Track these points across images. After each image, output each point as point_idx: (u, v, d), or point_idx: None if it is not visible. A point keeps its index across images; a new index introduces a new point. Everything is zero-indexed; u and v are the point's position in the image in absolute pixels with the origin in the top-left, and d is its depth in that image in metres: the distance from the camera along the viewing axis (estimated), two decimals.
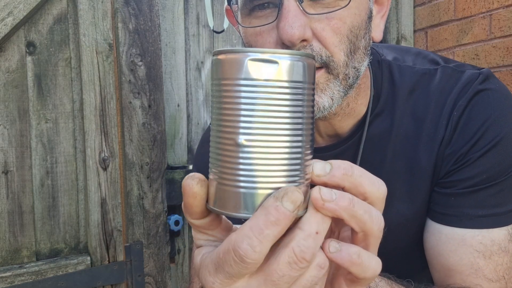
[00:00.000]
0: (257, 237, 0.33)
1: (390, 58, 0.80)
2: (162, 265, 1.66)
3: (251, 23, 0.66)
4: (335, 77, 0.64)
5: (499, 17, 1.80)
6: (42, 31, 1.45)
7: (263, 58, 0.33)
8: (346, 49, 0.63)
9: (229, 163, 0.35)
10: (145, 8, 1.57)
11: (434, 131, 0.72)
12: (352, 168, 0.37)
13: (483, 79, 0.71)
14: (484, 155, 0.68)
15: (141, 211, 1.59)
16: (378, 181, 0.38)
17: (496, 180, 0.68)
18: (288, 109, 0.34)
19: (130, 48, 1.55)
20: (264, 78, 0.33)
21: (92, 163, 1.51)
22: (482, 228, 0.67)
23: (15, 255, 1.44)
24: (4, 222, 1.42)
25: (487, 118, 0.69)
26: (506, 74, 1.79)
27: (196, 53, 1.84)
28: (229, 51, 0.35)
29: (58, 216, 1.50)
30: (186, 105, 1.82)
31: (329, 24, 0.62)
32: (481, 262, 0.67)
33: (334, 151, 0.77)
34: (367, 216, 0.36)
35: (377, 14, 0.73)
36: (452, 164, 0.70)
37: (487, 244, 0.67)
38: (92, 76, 1.50)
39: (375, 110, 0.76)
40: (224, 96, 0.35)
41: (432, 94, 0.73)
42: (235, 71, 0.34)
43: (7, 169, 1.41)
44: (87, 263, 1.51)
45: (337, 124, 0.75)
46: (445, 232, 0.70)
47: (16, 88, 1.42)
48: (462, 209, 0.69)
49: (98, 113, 1.51)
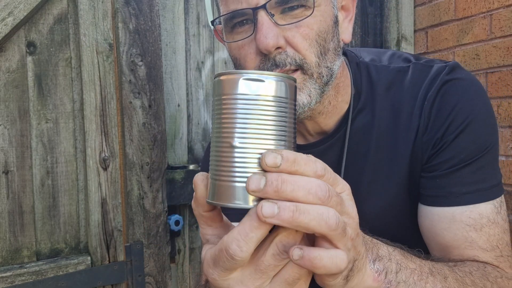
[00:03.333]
0: (244, 239, 0.41)
1: (368, 59, 0.88)
2: (163, 265, 1.66)
3: (234, 38, 0.76)
4: (310, 77, 0.73)
5: (500, 17, 1.80)
6: (43, 31, 1.45)
7: (253, 77, 0.42)
8: (316, 52, 0.73)
9: (225, 162, 0.43)
10: (146, 8, 1.57)
11: (410, 121, 0.79)
12: (296, 160, 0.41)
13: (449, 70, 0.79)
14: (457, 136, 0.75)
15: (141, 211, 1.59)
16: (320, 166, 0.42)
17: (473, 158, 0.75)
18: (273, 118, 0.42)
19: (130, 48, 1.55)
20: (255, 93, 0.42)
21: (93, 163, 1.51)
22: (469, 204, 0.74)
23: (15, 255, 1.44)
24: (5, 222, 1.42)
25: (455, 103, 0.76)
26: (506, 74, 1.79)
27: (196, 53, 1.84)
28: (228, 73, 0.44)
29: (59, 216, 1.50)
30: (186, 105, 1.82)
31: (299, 32, 0.71)
32: (474, 235, 0.73)
33: (323, 145, 0.85)
34: (314, 222, 0.40)
35: (345, 19, 0.82)
36: (431, 149, 0.77)
37: (476, 218, 0.74)
38: (92, 76, 1.50)
39: (357, 106, 0.84)
40: (223, 108, 0.43)
41: (406, 88, 0.81)
42: (232, 88, 0.43)
43: (8, 169, 1.41)
44: (87, 263, 1.51)
45: (323, 122, 0.83)
46: (436, 213, 0.77)
47: (16, 88, 1.42)
48: (448, 188, 0.75)
49: (98, 113, 1.51)
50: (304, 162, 0.41)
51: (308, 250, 0.41)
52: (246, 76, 0.42)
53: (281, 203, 0.40)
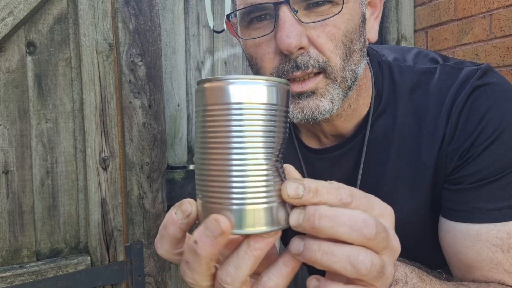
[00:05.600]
0: (276, 274, 0.38)
1: (391, 58, 0.81)
2: (162, 265, 1.66)
3: (250, 35, 0.69)
4: (333, 81, 0.67)
5: (499, 17, 1.80)
6: (42, 31, 1.45)
7: (241, 83, 0.37)
8: (341, 54, 0.66)
9: (230, 183, 0.38)
10: (145, 8, 1.57)
11: (435, 128, 0.73)
12: (318, 189, 0.37)
13: (481, 74, 0.72)
14: (487, 148, 0.68)
15: (141, 211, 1.59)
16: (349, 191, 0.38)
17: (503, 172, 0.68)
18: (263, 129, 0.38)
19: (130, 48, 1.55)
20: (245, 101, 0.37)
21: (92, 163, 1.51)
22: (496, 222, 0.67)
23: (15, 255, 1.44)
24: (4, 222, 1.42)
25: (486, 111, 0.69)
26: (506, 74, 1.79)
27: (196, 53, 1.84)
28: (212, 80, 0.38)
29: (58, 216, 1.50)
30: (186, 105, 1.82)
31: (324, 31, 0.65)
32: (500, 256, 0.66)
33: (339, 151, 0.79)
34: (339, 265, 0.36)
35: (371, 16, 0.75)
36: (457, 160, 0.71)
37: (503, 238, 0.66)
38: (92, 76, 1.50)
39: (377, 109, 0.77)
40: (209, 120, 0.38)
41: (432, 92, 0.74)
42: (217, 97, 0.38)
43: (7, 169, 1.41)
44: (87, 263, 1.51)
45: (340, 125, 0.77)
46: (459, 229, 0.70)
47: (16, 88, 1.42)
48: (473, 204, 0.68)
49: (98, 113, 1.51)
50: (326, 190, 0.37)
51: (324, 281, 0.38)
52: (232, 82, 0.37)
53: (307, 241, 0.36)
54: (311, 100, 0.67)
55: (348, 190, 0.38)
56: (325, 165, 0.80)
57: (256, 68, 0.71)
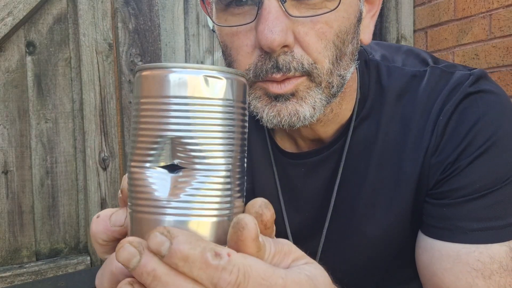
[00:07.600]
0: None
1: (378, 56, 0.73)
2: None
3: (227, 21, 0.59)
4: (317, 85, 0.59)
5: (499, 17, 1.80)
6: (42, 31, 1.45)
7: (186, 73, 0.31)
8: (331, 56, 0.58)
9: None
10: (145, 8, 1.57)
11: (420, 138, 0.65)
12: (189, 259, 0.28)
13: (474, 80, 0.65)
14: (473, 162, 0.61)
15: None
16: None
17: (490, 189, 0.61)
18: (221, 128, 0.31)
19: (130, 48, 1.55)
20: (189, 95, 0.30)
21: (92, 163, 1.51)
22: (479, 244, 0.60)
23: (15, 255, 1.44)
24: (4, 222, 1.42)
25: (475, 122, 0.62)
26: (506, 74, 1.79)
27: (196, 53, 1.84)
28: (153, 67, 0.31)
29: (58, 216, 1.50)
30: None
31: (314, 28, 0.56)
32: (480, 283, 0.59)
33: (317, 157, 0.72)
34: None
35: (367, 13, 0.66)
36: (440, 174, 0.64)
37: (485, 262, 0.59)
38: (92, 76, 1.50)
39: (361, 114, 0.70)
40: (141, 116, 0.31)
41: (420, 98, 0.67)
42: (155, 88, 0.31)
43: (7, 169, 1.41)
44: (87, 263, 1.51)
45: (320, 129, 0.69)
46: (438, 248, 0.62)
47: (16, 88, 1.42)
48: (456, 221, 0.61)
49: (98, 113, 1.51)
50: (198, 266, 0.28)
51: None
52: (176, 72, 0.30)
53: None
54: (290, 104, 0.58)
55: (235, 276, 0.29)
56: (300, 172, 0.72)
57: (229, 60, 0.62)
